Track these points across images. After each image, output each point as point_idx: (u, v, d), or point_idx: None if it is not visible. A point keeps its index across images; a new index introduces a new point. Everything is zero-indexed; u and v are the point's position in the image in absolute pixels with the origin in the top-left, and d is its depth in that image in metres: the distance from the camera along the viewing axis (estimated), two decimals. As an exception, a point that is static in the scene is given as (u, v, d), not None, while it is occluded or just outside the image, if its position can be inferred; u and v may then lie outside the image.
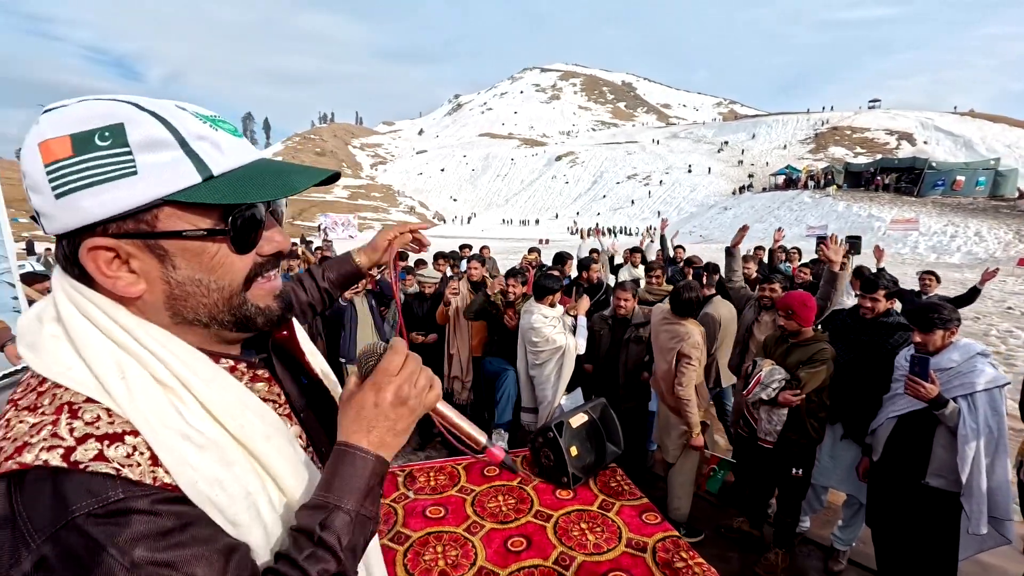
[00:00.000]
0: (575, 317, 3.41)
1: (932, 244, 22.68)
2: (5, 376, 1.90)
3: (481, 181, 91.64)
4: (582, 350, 3.34)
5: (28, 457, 0.44)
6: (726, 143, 75.34)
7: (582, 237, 7.93)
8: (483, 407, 4.08)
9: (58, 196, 0.49)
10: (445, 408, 0.68)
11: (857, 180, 35.02)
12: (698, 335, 2.84)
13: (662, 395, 3.15)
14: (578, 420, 2.89)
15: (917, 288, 4.82)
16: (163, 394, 0.52)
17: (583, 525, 2.45)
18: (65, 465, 0.44)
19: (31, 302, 3.49)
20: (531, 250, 6.02)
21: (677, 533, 2.39)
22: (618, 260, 7.11)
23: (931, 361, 2.23)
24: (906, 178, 31.70)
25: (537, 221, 66.10)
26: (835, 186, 35.17)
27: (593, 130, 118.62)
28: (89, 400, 0.49)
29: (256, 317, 0.60)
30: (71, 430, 0.46)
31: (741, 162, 65.05)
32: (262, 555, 0.54)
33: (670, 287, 3.74)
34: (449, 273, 5.41)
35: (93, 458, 0.45)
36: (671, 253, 6.69)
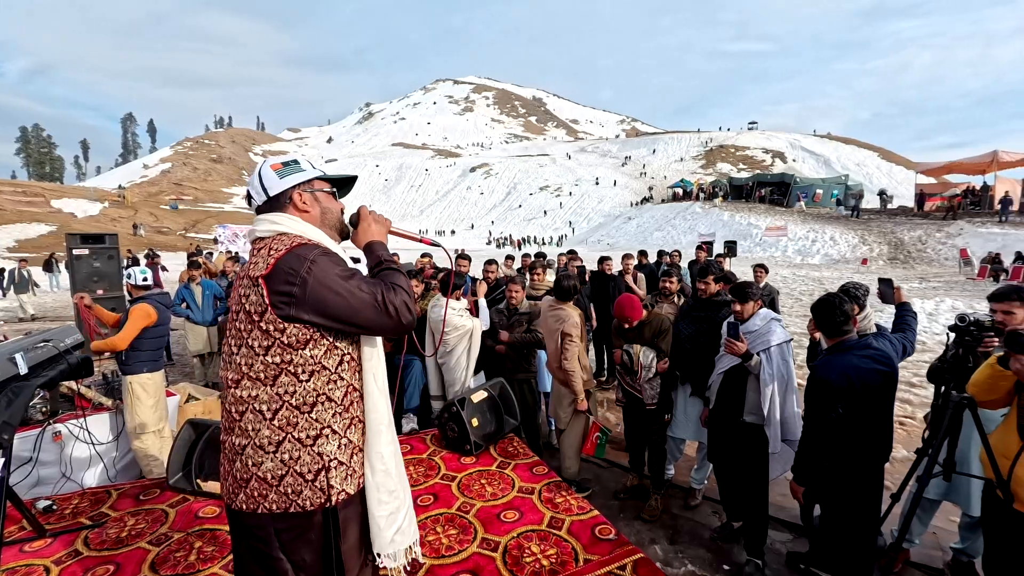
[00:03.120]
0: (475, 304, 3.89)
1: (798, 248, 26.09)
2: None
3: (395, 191, 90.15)
4: (487, 325, 3.81)
5: (293, 243, 1.30)
6: (629, 158, 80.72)
7: (498, 246, 8.49)
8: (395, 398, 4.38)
9: (281, 179, 1.38)
10: (397, 228, 1.59)
11: (740, 192, 39.30)
12: (577, 316, 3.39)
13: (554, 371, 3.67)
14: (479, 396, 3.31)
15: (752, 278, 5.84)
16: (325, 236, 1.41)
17: (483, 481, 2.87)
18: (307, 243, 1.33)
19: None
20: (424, 255, 6.61)
21: (559, 479, 2.87)
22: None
23: (740, 326, 2.93)
24: (777, 191, 36.13)
25: (453, 232, 66.32)
26: (720, 197, 39.15)
27: (506, 142, 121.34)
28: (299, 236, 1.34)
29: (344, 230, 1.50)
30: (302, 239, 1.34)
31: (644, 174, 70.05)
32: None
33: (550, 282, 4.42)
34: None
35: (317, 244, 1.34)
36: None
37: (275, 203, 1.38)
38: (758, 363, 2.86)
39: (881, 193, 33.10)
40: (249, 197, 1.43)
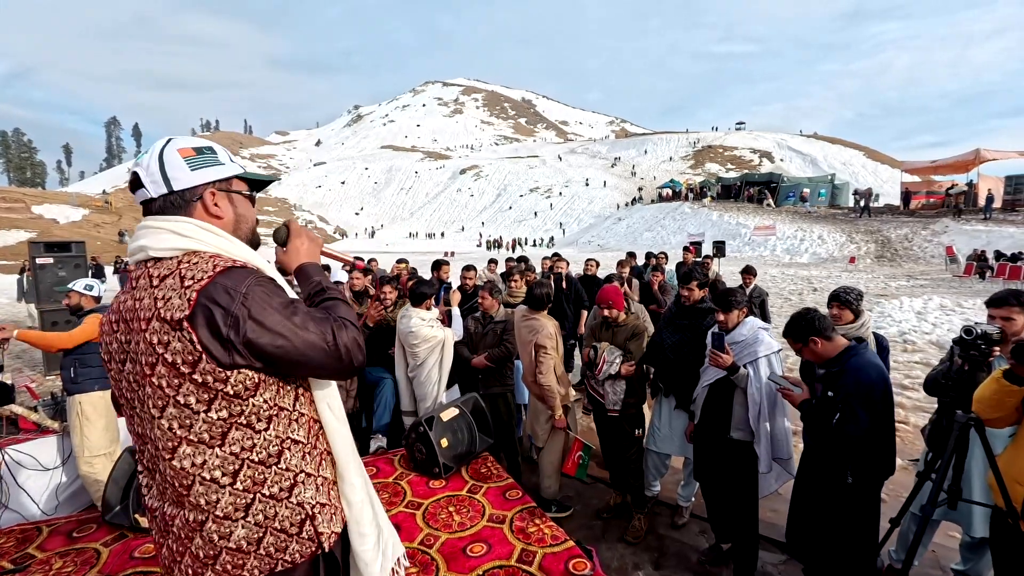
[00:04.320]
0: (448, 312, 3.68)
1: (787, 247, 26.13)
2: None
3: (385, 194, 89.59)
4: (460, 335, 3.60)
5: (216, 267, 1.03)
6: (618, 159, 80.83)
7: (488, 248, 8.31)
8: (364, 414, 4.15)
9: (193, 170, 1.09)
10: (327, 247, 1.36)
11: (728, 192, 39.42)
12: (551, 327, 3.18)
13: (529, 386, 3.45)
14: (449, 414, 3.08)
15: (741, 283, 5.67)
16: (251, 253, 1.15)
17: (451, 508, 2.64)
18: (234, 266, 1.06)
19: None
20: (399, 260, 6.44)
21: (534, 504, 2.65)
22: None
23: (726, 336, 2.74)
24: (766, 190, 36.26)
25: (443, 234, 65.98)
26: (708, 198, 39.24)
27: (496, 144, 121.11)
28: (216, 255, 1.06)
29: (257, 241, 1.22)
30: (223, 259, 1.07)
31: (633, 174, 70.17)
32: None
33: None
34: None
35: (245, 266, 1.08)
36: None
37: (176, 200, 1.08)
38: (745, 376, 2.66)
39: (855, 192, 33.65)
40: (135, 184, 1.08)
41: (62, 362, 3.45)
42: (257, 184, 1.24)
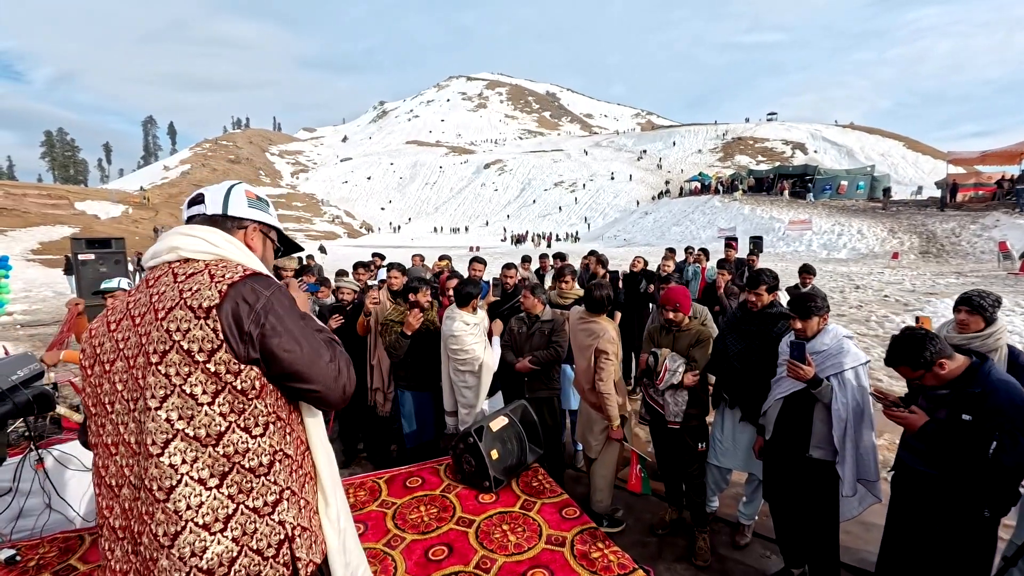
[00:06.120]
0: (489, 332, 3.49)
1: (823, 242, 25.16)
2: None
3: (410, 189, 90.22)
4: (495, 367, 3.39)
5: (245, 271, 1.12)
6: (644, 152, 79.42)
7: (514, 243, 8.07)
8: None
9: (249, 207, 1.26)
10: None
11: (760, 185, 38.23)
12: (612, 331, 2.97)
13: (583, 393, 3.25)
14: (498, 423, 2.91)
15: (798, 282, 5.33)
16: (265, 270, 1.20)
17: (505, 527, 2.47)
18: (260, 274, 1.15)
19: None
20: (442, 257, 6.19)
21: (594, 525, 2.47)
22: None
23: (807, 345, 2.48)
24: (799, 183, 35.01)
25: (467, 229, 66.07)
26: (740, 191, 38.13)
27: (520, 138, 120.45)
28: (243, 264, 1.15)
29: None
30: (250, 268, 1.15)
31: (660, 166, 68.88)
32: None
33: (581, 291, 3.93)
34: (371, 283, 5.28)
35: (270, 278, 1.16)
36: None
37: (222, 223, 1.22)
38: (829, 390, 2.41)
39: (886, 191, 32.11)
40: (195, 202, 1.24)
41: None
42: (285, 243, 1.41)
